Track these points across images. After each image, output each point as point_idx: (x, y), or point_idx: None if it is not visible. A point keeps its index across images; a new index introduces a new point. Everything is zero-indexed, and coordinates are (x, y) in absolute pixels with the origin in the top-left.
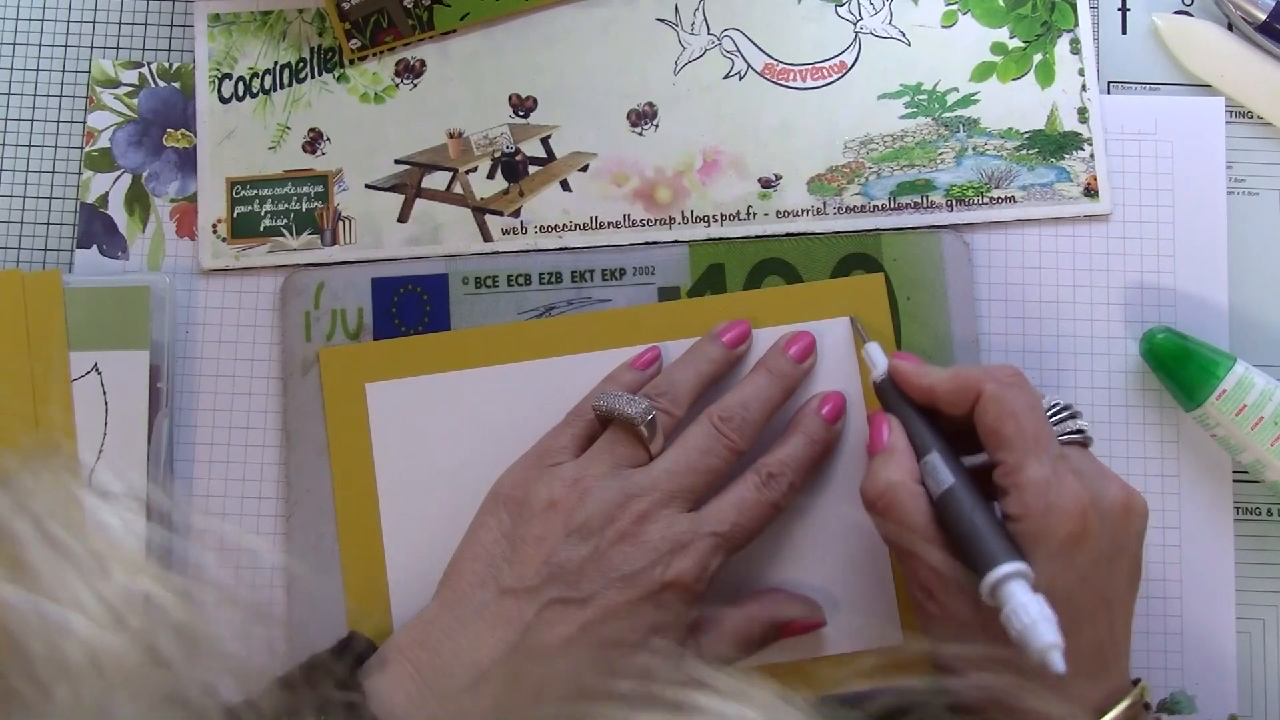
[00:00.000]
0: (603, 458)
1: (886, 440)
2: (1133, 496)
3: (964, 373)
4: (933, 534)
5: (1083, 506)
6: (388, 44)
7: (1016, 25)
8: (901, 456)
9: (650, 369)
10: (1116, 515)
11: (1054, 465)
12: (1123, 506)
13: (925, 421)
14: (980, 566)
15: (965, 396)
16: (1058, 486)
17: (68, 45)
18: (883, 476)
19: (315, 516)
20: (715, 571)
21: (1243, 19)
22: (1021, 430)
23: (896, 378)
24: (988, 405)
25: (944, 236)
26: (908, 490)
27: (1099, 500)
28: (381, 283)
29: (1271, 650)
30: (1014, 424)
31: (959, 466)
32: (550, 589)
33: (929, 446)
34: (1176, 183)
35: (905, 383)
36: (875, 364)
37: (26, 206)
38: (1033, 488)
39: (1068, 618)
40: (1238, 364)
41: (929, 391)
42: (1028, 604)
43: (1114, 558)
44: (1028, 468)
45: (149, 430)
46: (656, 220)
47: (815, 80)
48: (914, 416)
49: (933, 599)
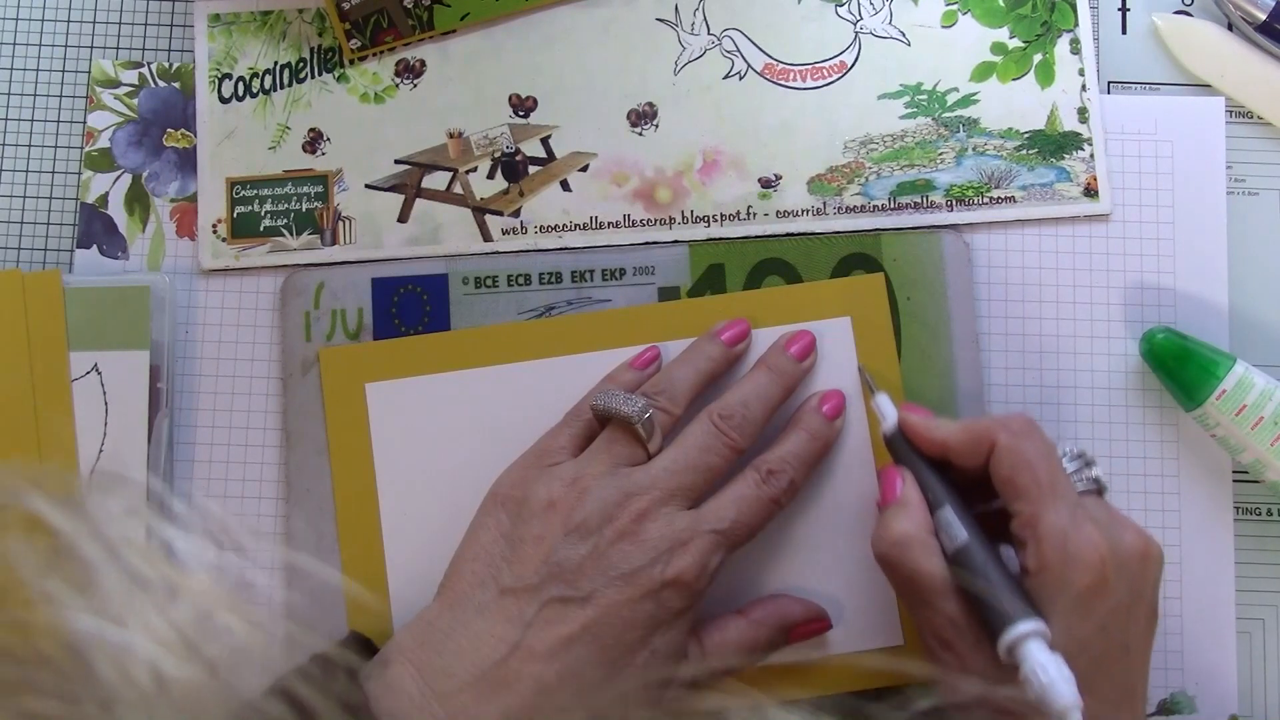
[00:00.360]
0: (601, 457)
1: (899, 493)
2: (1150, 543)
3: (976, 425)
4: (949, 587)
5: (1101, 556)
6: (388, 44)
7: (1016, 25)
8: (915, 510)
9: (649, 369)
10: (1134, 563)
11: (1072, 514)
12: (1140, 554)
13: (936, 474)
14: (997, 625)
15: (979, 449)
16: (1076, 536)
17: (68, 45)
18: (896, 528)
19: (315, 516)
20: (716, 569)
21: (1243, 19)
22: (1037, 480)
23: (907, 431)
24: (1003, 456)
25: (944, 236)
26: (923, 543)
27: (1117, 548)
28: (381, 283)
29: (1271, 650)
30: (1030, 474)
31: (972, 521)
32: (550, 588)
33: (942, 500)
34: (1176, 183)
35: (916, 436)
36: (885, 416)
37: (26, 206)
38: (1051, 538)
39: (1087, 668)
40: (1238, 364)
41: (941, 445)
42: (1046, 664)
43: (1132, 605)
44: (1045, 518)
45: (149, 430)
46: (656, 220)
47: (815, 80)
48: (925, 469)
49: (950, 650)
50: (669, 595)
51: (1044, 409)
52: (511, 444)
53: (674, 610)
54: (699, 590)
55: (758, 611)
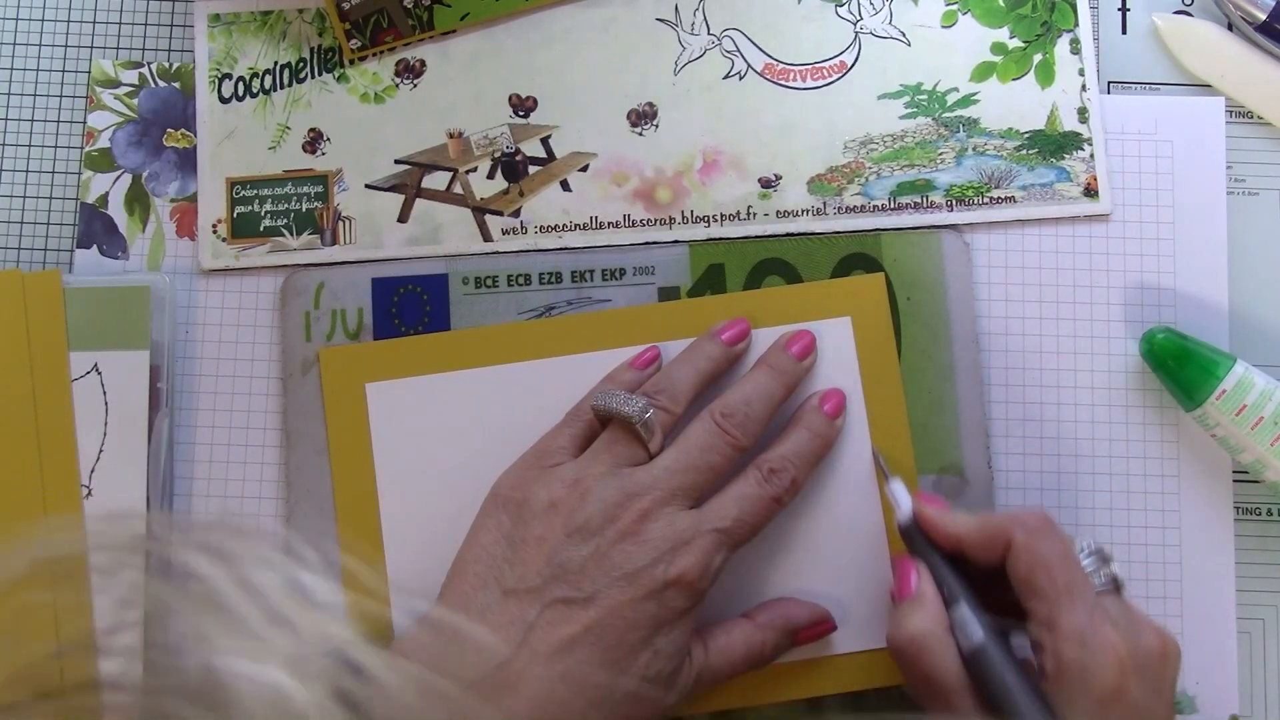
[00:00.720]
0: (602, 457)
1: (914, 588)
2: (1168, 642)
3: (991, 522)
4: (964, 686)
5: (1120, 659)
6: (388, 44)
7: (1016, 25)
8: (930, 605)
9: (649, 368)
10: (1154, 664)
11: (1090, 615)
12: (1160, 654)
13: (951, 567)
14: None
15: (994, 547)
16: (1094, 639)
17: (68, 45)
18: (912, 624)
19: (315, 516)
20: (719, 568)
21: (1243, 19)
22: (1054, 581)
23: (922, 524)
24: (1019, 555)
25: (944, 236)
26: (938, 640)
27: (1136, 650)
28: (381, 283)
29: (1271, 650)
30: (1046, 574)
31: (987, 619)
32: (553, 589)
33: (957, 595)
34: (1176, 183)
35: (931, 529)
36: (900, 505)
37: (26, 206)
38: (1068, 641)
39: None
40: (1238, 364)
41: (956, 540)
42: None
43: (1151, 706)
44: (1063, 620)
45: (149, 430)
46: (656, 220)
47: (815, 80)
48: (940, 563)
49: None
50: (672, 595)
51: (1044, 409)
52: (511, 444)
53: (677, 610)
54: (702, 590)
55: (763, 615)
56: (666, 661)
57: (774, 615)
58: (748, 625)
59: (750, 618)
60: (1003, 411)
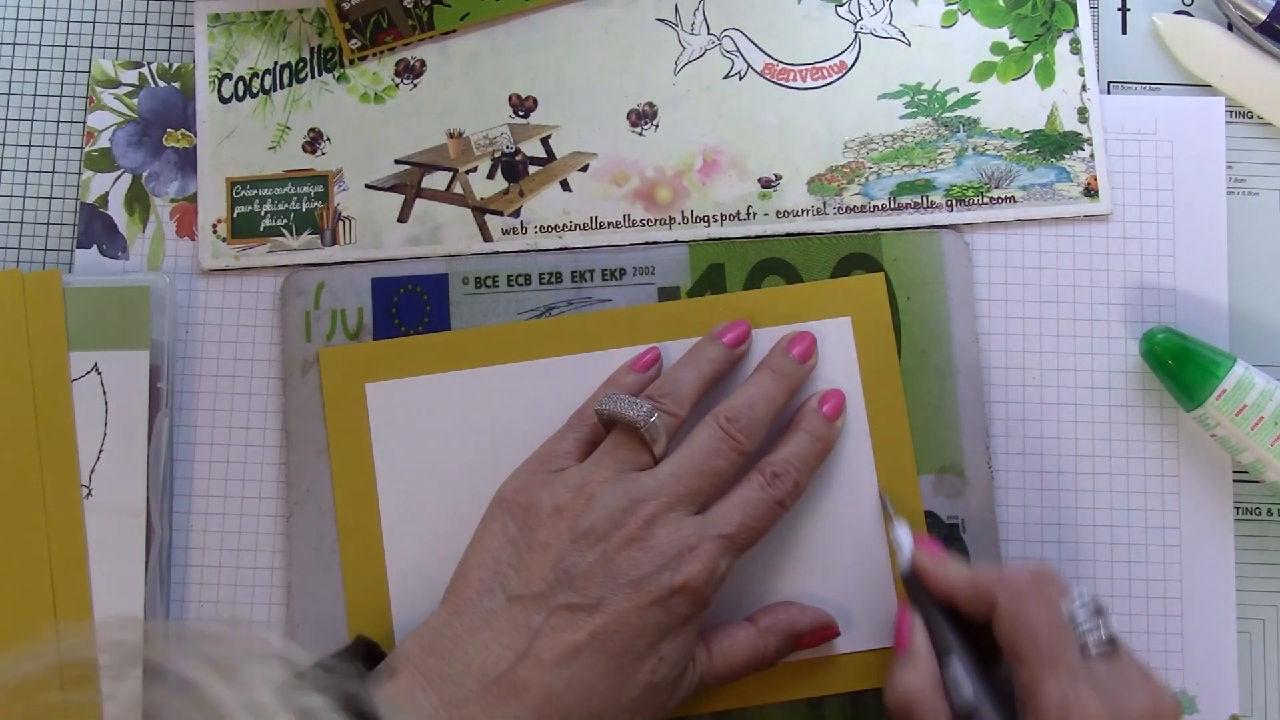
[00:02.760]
0: (607, 462)
1: (907, 644)
2: (1160, 703)
3: (981, 579)
4: None
5: None
6: (388, 44)
7: (1016, 25)
8: (922, 663)
9: (650, 370)
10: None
11: (1074, 684)
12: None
13: (947, 619)
14: None
15: (982, 604)
16: (1076, 709)
17: (68, 45)
18: (902, 684)
19: (315, 516)
20: (724, 574)
21: (1243, 19)
22: (1037, 648)
23: (918, 572)
24: (1004, 618)
25: (944, 236)
26: (928, 700)
27: (1120, 717)
28: (381, 283)
29: (1271, 650)
30: (1029, 640)
31: (979, 676)
32: (558, 595)
33: (949, 649)
34: (1176, 183)
35: (926, 579)
36: (902, 549)
37: (26, 206)
38: (1049, 711)
39: None
40: (1238, 364)
41: (947, 593)
42: None
43: None
44: (1044, 689)
45: (149, 430)
46: (656, 220)
47: (815, 80)
48: (937, 615)
49: None
50: (678, 601)
51: (1044, 409)
52: (512, 444)
53: (683, 617)
54: (707, 596)
55: (766, 619)
56: (672, 668)
57: (777, 620)
58: (750, 629)
59: (753, 621)
60: (1003, 411)
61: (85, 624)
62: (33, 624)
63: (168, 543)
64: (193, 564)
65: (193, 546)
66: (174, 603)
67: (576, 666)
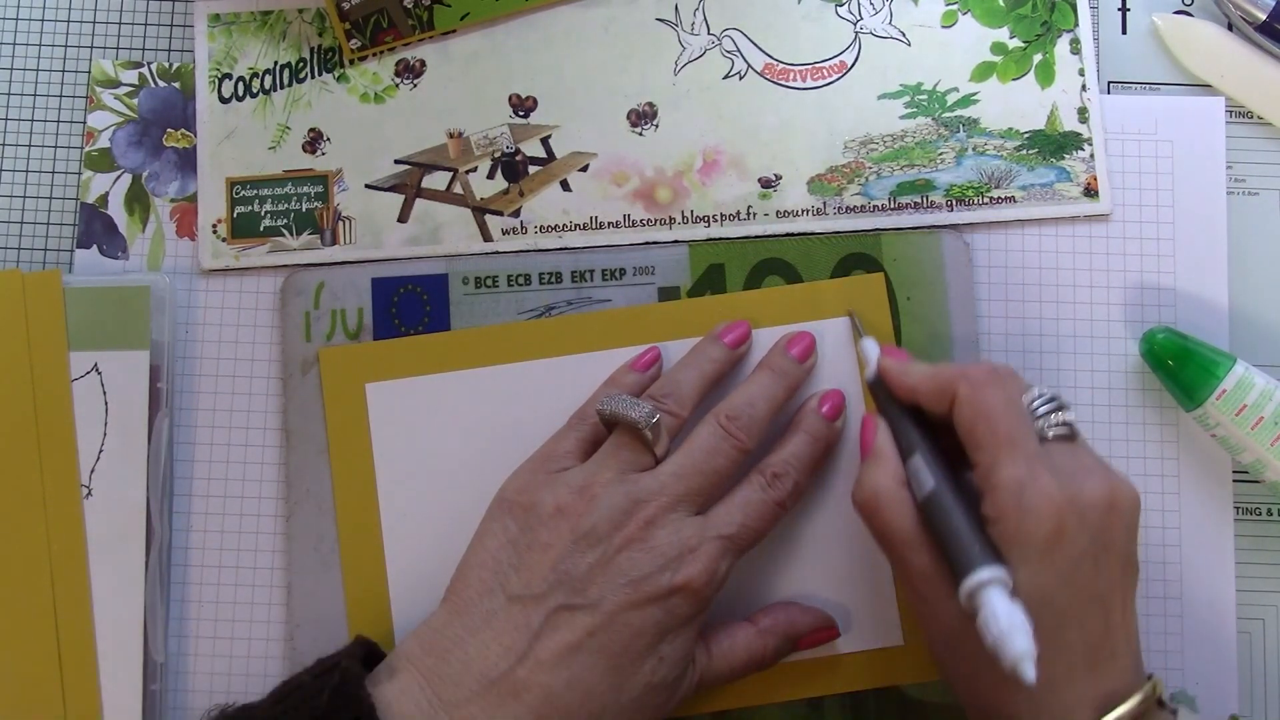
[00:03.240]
0: (609, 462)
1: (872, 444)
2: (1117, 490)
3: (943, 373)
4: (919, 538)
5: (1057, 507)
6: (388, 44)
7: (1016, 25)
8: (887, 462)
9: (650, 370)
10: (1098, 512)
11: (1029, 466)
12: (1105, 503)
13: (912, 420)
14: (959, 572)
15: (943, 398)
16: (1032, 488)
17: (68, 45)
18: (868, 482)
19: (315, 516)
20: (725, 575)
21: (1243, 19)
22: (994, 431)
23: (882, 375)
24: (963, 407)
25: (944, 236)
26: (891, 495)
27: (1076, 499)
28: (381, 283)
29: (1271, 650)
30: (987, 426)
31: (942, 468)
32: (558, 595)
33: (913, 447)
34: (1176, 183)
35: (890, 382)
36: (868, 361)
37: (26, 206)
38: (1005, 490)
39: (1051, 620)
40: (1238, 364)
41: (911, 392)
42: (1000, 612)
43: (1100, 555)
44: (1001, 470)
45: (149, 430)
46: (656, 220)
47: (815, 80)
48: (901, 416)
49: (924, 602)
50: (677, 602)
51: None
52: (512, 444)
53: (682, 617)
54: (708, 597)
55: (766, 620)
56: (671, 668)
57: (777, 620)
58: (750, 630)
59: (753, 622)
60: None
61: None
62: (33, 624)
63: (168, 543)
64: (193, 564)
65: (193, 546)
66: (174, 603)
67: (576, 667)
